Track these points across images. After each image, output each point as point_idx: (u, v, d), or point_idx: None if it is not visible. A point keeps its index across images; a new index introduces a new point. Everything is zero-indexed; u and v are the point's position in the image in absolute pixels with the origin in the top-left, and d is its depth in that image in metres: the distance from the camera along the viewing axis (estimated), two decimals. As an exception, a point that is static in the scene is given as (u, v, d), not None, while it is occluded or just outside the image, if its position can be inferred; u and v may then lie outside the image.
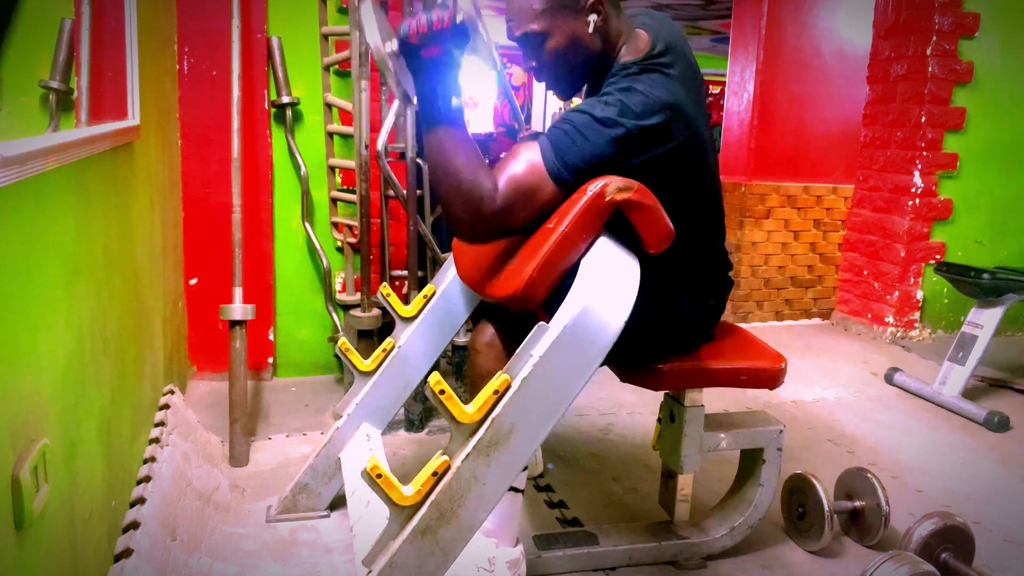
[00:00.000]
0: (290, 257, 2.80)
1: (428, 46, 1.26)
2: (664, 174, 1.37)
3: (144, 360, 1.82)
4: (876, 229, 3.65)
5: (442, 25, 1.24)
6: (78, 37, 1.39)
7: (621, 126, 1.31)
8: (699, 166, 1.46)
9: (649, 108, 1.32)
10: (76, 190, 1.24)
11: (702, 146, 1.45)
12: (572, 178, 1.32)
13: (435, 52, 1.27)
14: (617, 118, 1.31)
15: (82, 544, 1.18)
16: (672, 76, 1.38)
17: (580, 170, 1.32)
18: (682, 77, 1.40)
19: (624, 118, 1.31)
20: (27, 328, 0.97)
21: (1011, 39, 3.45)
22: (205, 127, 2.61)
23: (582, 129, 1.32)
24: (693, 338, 1.60)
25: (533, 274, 1.29)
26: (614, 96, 1.34)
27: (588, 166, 1.31)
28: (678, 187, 1.41)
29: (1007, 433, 2.51)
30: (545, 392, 1.21)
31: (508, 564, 1.45)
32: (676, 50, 1.43)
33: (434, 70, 1.29)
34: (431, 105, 1.31)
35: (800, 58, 3.93)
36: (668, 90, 1.35)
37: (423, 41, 1.25)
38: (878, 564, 1.43)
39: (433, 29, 1.24)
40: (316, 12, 2.66)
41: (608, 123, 1.31)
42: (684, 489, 1.69)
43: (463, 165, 1.30)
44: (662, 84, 1.36)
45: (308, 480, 1.82)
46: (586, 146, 1.31)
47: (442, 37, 1.25)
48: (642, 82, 1.35)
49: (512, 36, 1.43)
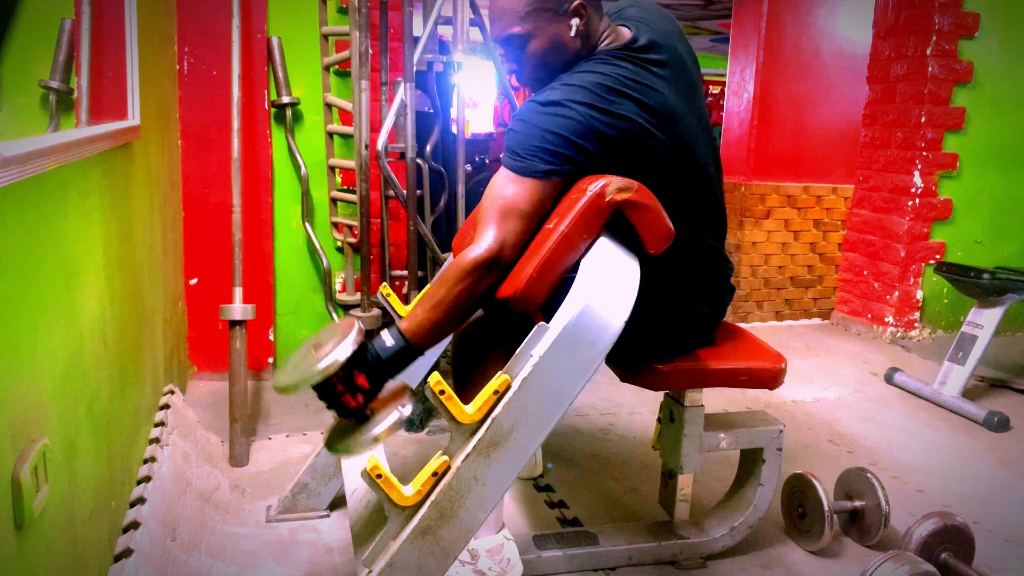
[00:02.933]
0: (290, 257, 2.80)
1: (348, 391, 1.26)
2: (632, 160, 1.37)
3: (144, 360, 1.82)
4: (876, 229, 3.65)
5: (348, 406, 1.26)
6: (78, 37, 1.39)
7: (563, 106, 1.33)
8: (677, 160, 1.43)
9: (600, 91, 1.33)
10: (76, 190, 1.24)
11: (685, 141, 1.43)
12: (546, 166, 1.32)
13: (362, 383, 1.27)
14: (559, 99, 1.33)
15: (82, 544, 1.18)
16: (644, 65, 1.38)
17: (543, 154, 1.32)
18: (668, 72, 1.40)
19: (568, 98, 1.33)
20: (27, 328, 0.97)
21: (1011, 39, 3.45)
22: (205, 127, 2.61)
23: (528, 118, 1.34)
24: (687, 342, 1.59)
25: (533, 275, 1.28)
26: (562, 81, 1.36)
27: (549, 147, 1.32)
28: (658, 179, 1.39)
29: (1007, 433, 2.51)
30: (545, 392, 1.21)
31: (488, 553, 1.44)
32: (663, 41, 1.43)
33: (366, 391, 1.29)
34: (384, 377, 1.30)
35: (800, 58, 3.93)
36: (633, 76, 1.36)
37: (346, 387, 1.26)
38: (878, 564, 1.43)
39: (343, 407, 1.26)
40: (316, 12, 2.66)
41: (551, 104, 1.33)
42: (684, 489, 1.69)
43: (458, 292, 1.29)
44: (624, 70, 1.36)
45: (308, 480, 1.82)
46: (536, 131, 1.33)
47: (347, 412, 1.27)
48: (602, 67, 1.36)
49: (495, 37, 1.44)
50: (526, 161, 1.33)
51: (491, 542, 1.45)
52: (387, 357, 1.29)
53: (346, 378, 1.24)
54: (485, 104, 8.68)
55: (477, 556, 1.44)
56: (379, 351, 1.29)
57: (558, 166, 1.33)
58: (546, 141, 1.32)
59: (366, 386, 1.27)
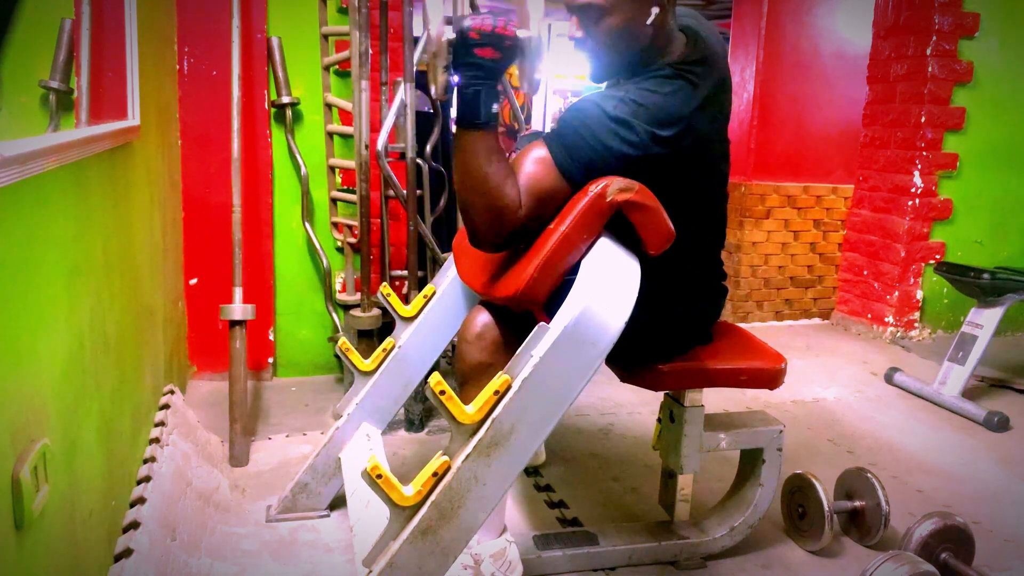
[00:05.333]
0: (290, 257, 2.80)
1: (484, 46, 1.25)
2: (665, 181, 1.36)
3: (144, 360, 1.82)
4: (876, 229, 3.65)
5: (505, 31, 1.24)
6: (78, 37, 1.39)
7: (632, 129, 1.31)
8: (701, 179, 1.45)
9: (663, 118, 1.32)
10: (76, 190, 1.24)
11: (709, 161, 1.45)
12: (582, 178, 1.32)
13: (489, 55, 1.26)
14: (629, 118, 1.31)
15: (82, 544, 1.18)
16: (698, 87, 1.38)
17: (590, 167, 1.32)
18: (709, 90, 1.40)
19: (637, 120, 1.31)
20: (27, 328, 0.97)
21: (1011, 39, 3.45)
22: (205, 127, 2.60)
23: (593, 126, 1.32)
24: (686, 341, 1.60)
25: (534, 274, 1.29)
26: (631, 96, 1.34)
27: (598, 163, 1.31)
28: (679, 195, 1.40)
29: (1007, 433, 2.51)
30: (545, 393, 1.21)
31: (492, 557, 1.44)
32: (712, 61, 1.43)
33: (482, 72, 1.27)
34: (471, 107, 1.29)
35: (800, 58, 3.93)
36: (687, 103, 1.35)
37: (482, 40, 1.24)
38: (878, 564, 1.43)
39: (496, 32, 1.24)
40: (316, 12, 2.66)
41: (620, 123, 1.31)
42: (684, 489, 1.69)
43: (493, 173, 1.29)
44: (684, 95, 1.36)
45: (308, 480, 1.82)
46: (597, 144, 1.31)
47: (501, 42, 1.25)
48: (667, 88, 1.35)
49: (571, 2, 1.40)
50: (571, 163, 1.33)
51: (494, 546, 1.45)
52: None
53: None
54: (485, 104, 8.65)
55: (480, 560, 1.43)
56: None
57: (593, 177, 1.33)
58: (597, 155, 1.32)
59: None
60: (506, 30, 1.24)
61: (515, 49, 1.27)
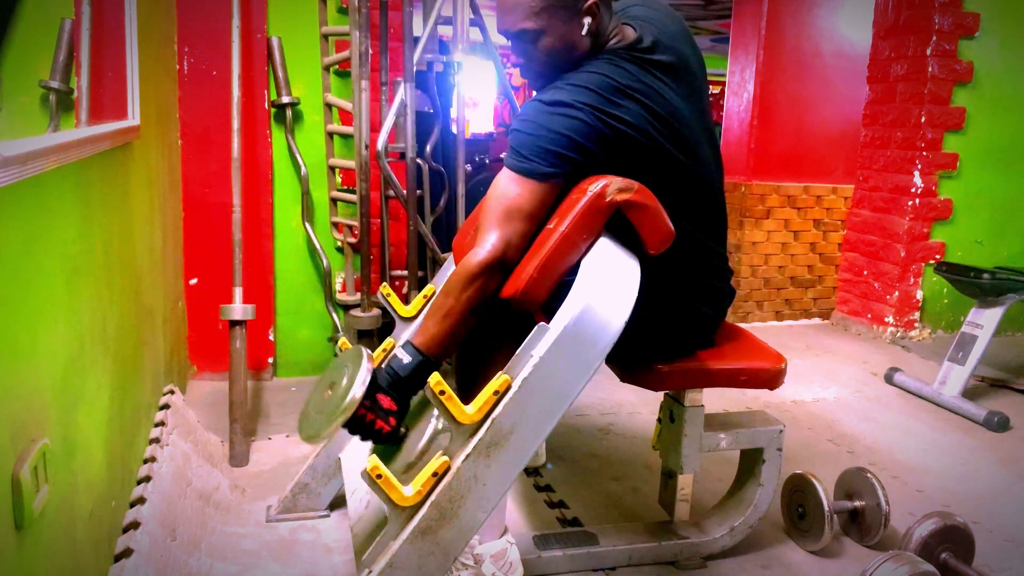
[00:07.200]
0: (290, 257, 2.80)
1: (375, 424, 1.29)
2: (642, 163, 1.36)
3: (144, 360, 1.82)
4: (876, 229, 3.65)
5: (383, 432, 1.29)
6: (78, 37, 1.39)
7: (569, 106, 1.32)
8: (686, 162, 1.43)
9: (601, 90, 1.33)
10: (76, 190, 1.24)
11: (686, 143, 1.43)
12: (549, 166, 1.32)
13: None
14: (565, 99, 1.32)
15: (82, 544, 1.18)
16: (644, 63, 1.38)
17: (547, 154, 1.32)
18: (662, 67, 1.40)
19: (574, 99, 1.32)
20: (27, 328, 0.97)
21: (1011, 39, 3.45)
22: (205, 127, 2.60)
23: (534, 118, 1.34)
24: (687, 344, 1.59)
25: (534, 274, 1.28)
26: (566, 82, 1.36)
27: (553, 148, 1.32)
28: (665, 180, 1.39)
29: (1007, 433, 2.51)
30: (545, 393, 1.21)
31: (493, 557, 1.44)
32: (666, 45, 1.42)
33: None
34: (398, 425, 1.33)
35: (800, 58, 3.93)
36: (626, 76, 1.36)
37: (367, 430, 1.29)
38: (878, 564, 1.43)
39: (378, 433, 1.29)
40: (316, 12, 2.66)
41: (557, 104, 1.33)
42: (684, 489, 1.69)
43: (467, 298, 1.30)
44: (621, 69, 1.36)
45: (308, 480, 1.82)
46: (542, 131, 1.32)
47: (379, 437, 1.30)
48: (603, 68, 1.36)
49: (504, 30, 1.41)
50: (530, 162, 1.33)
51: (495, 546, 1.45)
52: (407, 374, 1.31)
53: (373, 406, 1.26)
54: (485, 104, 8.67)
55: (481, 560, 1.43)
56: (398, 370, 1.31)
57: (562, 167, 1.33)
58: (551, 142, 1.32)
59: (394, 407, 1.28)
60: (384, 430, 1.29)
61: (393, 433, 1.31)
